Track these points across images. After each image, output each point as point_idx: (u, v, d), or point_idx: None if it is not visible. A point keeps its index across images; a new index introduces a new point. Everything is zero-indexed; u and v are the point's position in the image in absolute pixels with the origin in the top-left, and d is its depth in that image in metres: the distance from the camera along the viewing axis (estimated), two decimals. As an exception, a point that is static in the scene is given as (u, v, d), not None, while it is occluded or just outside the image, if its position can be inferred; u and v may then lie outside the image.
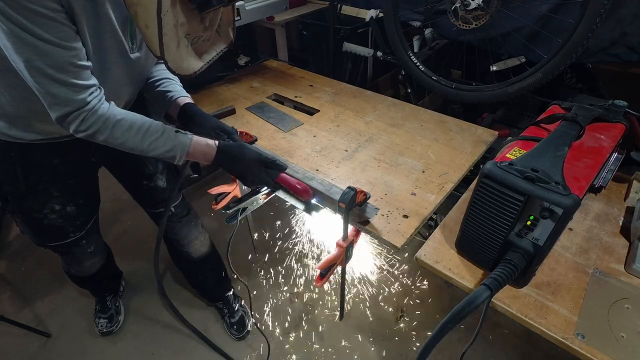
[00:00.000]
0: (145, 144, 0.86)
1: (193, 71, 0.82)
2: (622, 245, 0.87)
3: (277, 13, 1.65)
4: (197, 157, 0.93)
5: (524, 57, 1.44)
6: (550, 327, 0.72)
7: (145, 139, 0.86)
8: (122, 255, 1.90)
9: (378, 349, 1.51)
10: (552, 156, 0.73)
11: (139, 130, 0.85)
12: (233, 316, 1.59)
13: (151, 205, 1.31)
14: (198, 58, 0.84)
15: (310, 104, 1.46)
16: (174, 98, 1.05)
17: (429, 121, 1.33)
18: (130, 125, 0.84)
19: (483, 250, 0.79)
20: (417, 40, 1.85)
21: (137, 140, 0.85)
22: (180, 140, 0.89)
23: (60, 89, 0.74)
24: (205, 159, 0.94)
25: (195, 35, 0.79)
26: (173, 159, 0.90)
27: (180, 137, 0.90)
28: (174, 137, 0.89)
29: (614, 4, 1.10)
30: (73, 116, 0.78)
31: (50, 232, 1.14)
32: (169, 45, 0.73)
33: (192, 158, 0.93)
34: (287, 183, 0.97)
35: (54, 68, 0.72)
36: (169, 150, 0.89)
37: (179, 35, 0.74)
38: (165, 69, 1.08)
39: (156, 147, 0.87)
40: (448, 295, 1.68)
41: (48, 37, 0.68)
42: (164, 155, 0.89)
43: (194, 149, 0.91)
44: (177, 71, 0.78)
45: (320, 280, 0.93)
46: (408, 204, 0.99)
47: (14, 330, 1.56)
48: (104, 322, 1.60)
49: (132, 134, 0.85)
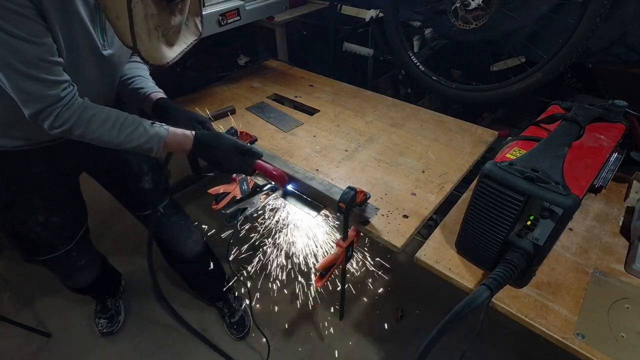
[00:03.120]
0: (121, 136, 0.85)
1: (166, 61, 0.83)
2: (622, 245, 0.87)
3: (277, 13, 1.66)
4: (175, 148, 0.93)
5: (524, 57, 1.44)
6: (550, 327, 0.72)
7: (122, 132, 0.85)
8: (122, 256, 1.90)
9: (378, 349, 1.51)
10: (552, 156, 0.73)
11: (115, 124, 0.85)
12: (233, 316, 1.59)
13: (138, 207, 1.29)
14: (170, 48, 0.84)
15: (310, 104, 1.46)
16: (147, 94, 1.06)
17: (429, 121, 1.33)
18: (105, 119, 0.84)
19: (483, 250, 0.79)
20: (417, 40, 1.85)
21: (113, 133, 0.85)
22: (156, 131, 0.89)
23: (33, 85, 0.74)
24: (183, 149, 0.93)
25: (165, 27, 0.80)
26: (150, 151, 0.89)
27: (157, 129, 0.89)
28: (150, 129, 0.88)
29: (614, 4, 1.10)
30: (47, 112, 0.78)
31: (37, 246, 1.12)
32: (141, 36, 0.74)
33: (169, 149, 0.93)
34: (263, 169, 0.97)
35: (25, 64, 0.71)
36: (145, 142, 0.88)
37: (149, 26, 0.75)
38: (136, 66, 1.09)
39: (132, 140, 0.87)
40: (448, 295, 1.68)
41: (18, 32, 0.68)
42: (141, 147, 0.88)
43: (170, 139, 0.91)
44: (150, 61, 0.79)
45: (320, 280, 0.93)
46: (408, 204, 0.99)
47: (14, 330, 1.56)
48: (104, 322, 1.60)
49: (108, 127, 0.84)
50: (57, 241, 1.15)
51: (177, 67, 1.51)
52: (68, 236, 1.17)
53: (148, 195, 1.25)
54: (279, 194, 1.04)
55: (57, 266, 1.23)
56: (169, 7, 0.78)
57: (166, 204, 1.30)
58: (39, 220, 1.06)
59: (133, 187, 1.22)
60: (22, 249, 1.13)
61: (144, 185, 1.23)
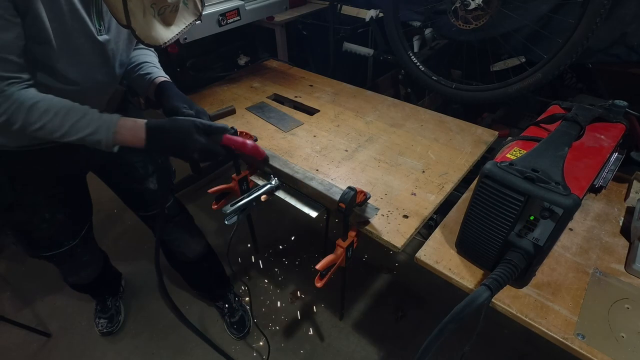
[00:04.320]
0: (65, 126, 0.79)
1: (163, 41, 0.78)
2: (622, 245, 0.87)
3: (277, 13, 1.66)
4: (126, 139, 0.84)
5: (524, 57, 1.44)
6: (550, 327, 0.72)
7: (66, 121, 0.79)
8: (122, 256, 1.90)
9: (378, 349, 1.51)
10: (552, 156, 0.73)
11: (58, 113, 0.78)
12: (233, 315, 1.59)
13: (143, 208, 1.28)
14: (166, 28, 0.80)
15: (310, 104, 1.46)
16: (152, 79, 1.03)
17: (429, 121, 1.33)
18: (47, 108, 0.78)
19: (483, 250, 0.79)
20: (417, 40, 1.85)
21: (56, 123, 0.78)
22: (104, 120, 0.82)
23: None
24: (136, 139, 0.84)
25: (161, 4, 0.76)
26: (98, 143, 0.82)
27: (105, 117, 0.83)
28: (97, 118, 0.82)
29: (614, 4, 1.10)
30: None
31: (42, 243, 1.12)
32: (135, 13, 0.70)
33: (122, 141, 0.84)
34: (233, 143, 0.91)
35: None
36: (92, 132, 0.81)
37: (144, 3, 0.72)
38: (143, 53, 1.07)
39: (78, 130, 0.80)
40: (448, 295, 1.68)
41: None
42: (88, 138, 0.81)
43: (120, 127, 0.83)
44: (145, 41, 0.75)
45: (320, 280, 0.93)
46: (408, 204, 0.99)
47: (14, 330, 1.56)
48: (104, 322, 1.60)
49: (50, 116, 0.78)
50: (62, 238, 1.15)
51: (177, 67, 1.51)
52: (73, 233, 1.18)
53: (153, 196, 1.24)
54: (280, 194, 1.04)
55: (62, 262, 1.24)
56: None
57: (170, 204, 1.29)
58: (44, 218, 1.06)
59: (138, 187, 1.22)
60: (28, 246, 1.13)
61: (149, 186, 1.22)
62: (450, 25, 1.46)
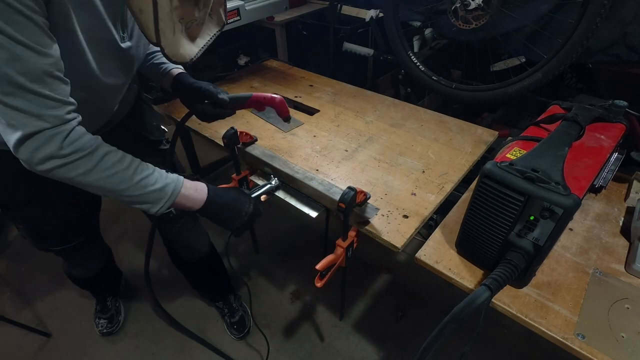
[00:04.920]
0: (135, 179, 0.75)
1: (190, 58, 0.77)
2: (622, 245, 0.87)
3: (277, 13, 1.66)
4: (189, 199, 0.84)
5: (524, 57, 1.44)
6: (550, 327, 0.72)
7: (137, 174, 0.75)
8: (122, 255, 1.90)
9: (378, 349, 1.51)
10: (552, 156, 0.73)
11: (131, 164, 0.75)
12: (233, 316, 1.59)
13: None
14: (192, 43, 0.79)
15: (310, 104, 1.46)
16: (167, 70, 1.03)
17: (429, 121, 1.33)
18: (120, 158, 0.73)
19: (483, 250, 0.79)
20: (417, 40, 1.85)
21: (128, 174, 0.74)
22: (173, 178, 0.81)
23: (32, 100, 0.61)
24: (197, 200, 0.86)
25: (189, 19, 0.75)
26: (158, 201, 0.78)
27: (173, 176, 0.81)
28: (165, 176, 0.80)
29: (614, 4, 1.10)
30: (44, 137, 0.64)
31: (53, 237, 1.13)
32: (165, 31, 0.69)
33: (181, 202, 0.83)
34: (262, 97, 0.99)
35: (26, 76, 0.59)
36: (160, 188, 0.78)
37: (173, 19, 0.70)
38: None
39: (147, 184, 0.76)
40: (448, 295, 1.68)
41: (22, 39, 0.57)
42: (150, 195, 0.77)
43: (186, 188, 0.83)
44: (173, 58, 0.74)
45: (320, 280, 0.93)
46: (408, 204, 0.99)
47: (14, 330, 1.56)
48: (104, 322, 1.60)
49: (123, 166, 0.73)
50: (72, 233, 1.16)
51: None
52: (83, 228, 1.19)
53: None
54: (280, 194, 1.04)
55: (70, 256, 1.25)
56: None
57: None
58: (58, 214, 1.07)
59: None
60: (38, 240, 1.13)
61: None
62: (450, 25, 1.46)
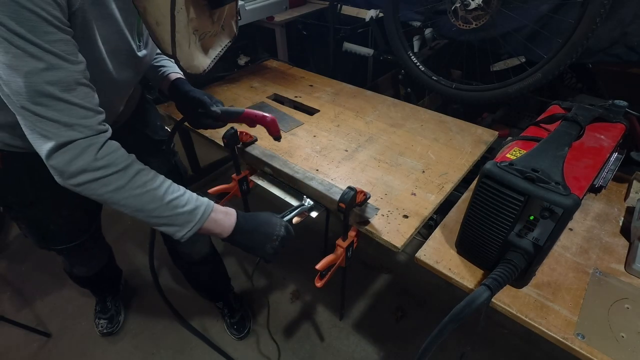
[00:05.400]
0: (166, 199, 0.72)
1: (203, 69, 0.78)
2: (622, 245, 0.87)
3: (277, 13, 1.66)
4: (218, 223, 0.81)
5: (524, 57, 1.44)
6: (550, 327, 0.72)
7: (168, 194, 0.72)
8: (122, 255, 1.90)
9: (378, 349, 1.51)
10: (552, 156, 0.73)
11: (163, 184, 0.73)
12: (233, 316, 1.59)
13: None
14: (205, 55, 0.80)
15: (310, 104, 1.46)
16: (166, 73, 1.04)
17: (429, 121, 1.33)
18: (153, 177, 0.72)
19: (483, 250, 0.79)
20: (417, 40, 1.85)
21: (159, 194, 0.71)
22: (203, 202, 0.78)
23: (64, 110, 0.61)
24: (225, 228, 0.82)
25: (203, 31, 0.76)
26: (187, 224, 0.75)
27: (204, 199, 0.79)
28: (197, 198, 0.78)
29: (614, 4, 1.10)
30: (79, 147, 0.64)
31: (56, 237, 1.13)
32: (181, 44, 0.69)
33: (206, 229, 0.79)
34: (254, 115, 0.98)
35: (57, 85, 0.59)
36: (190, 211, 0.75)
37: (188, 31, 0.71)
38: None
39: (177, 205, 0.74)
40: (448, 295, 1.68)
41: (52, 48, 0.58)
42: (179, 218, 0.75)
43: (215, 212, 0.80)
44: (188, 70, 0.74)
45: (320, 280, 0.93)
46: (408, 204, 0.99)
47: (14, 330, 1.56)
48: (104, 322, 1.60)
49: (156, 185, 0.71)
50: (75, 232, 1.16)
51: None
52: (86, 228, 1.19)
53: None
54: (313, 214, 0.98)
55: (72, 254, 1.26)
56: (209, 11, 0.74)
57: None
58: (62, 214, 1.07)
59: None
60: (41, 239, 1.13)
61: None
62: (450, 25, 1.46)
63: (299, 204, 0.99)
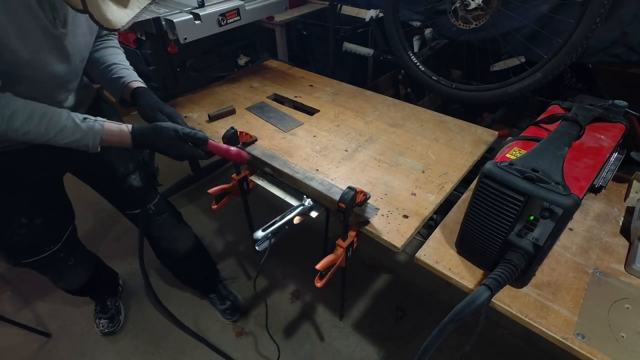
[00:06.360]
0: (50, 133, 0.81)
1: (120, 24, 0.75)
2: (622, 245, 0.87)
3: (277, 13, 1.65)
4: (114, 143, 0.90)
5: (524, 57, 1.44)
6: (550, 327, 0.72)
7: (50, 129, 0.80)
8: (122, 256, 1.91)
9: (378, 349, 1.51)
10: (552, 156, 0.73)
11: (42, 119, 0.79)
12: (224, 303, 1.63)
13: (128, 206, 1.27)
14: (122, 9, 0.77)
15: (310, 104, 1.46)
16: (126, 82, 1.04)
17: (429, 121, 1.33)
18: (30, 115, 0.78)
19: (483, 250, 0.79)
20: (417, 40, 1.85)
21: (41, 130, 0.80)
22: (90, 127, 0.85)
23: None
24: (123, 144, 0.90)
25: None
26: (86, 147, 0.86)
27: (90, 124, 0.85)
28: (82, 125, 0.84)
29: (614, 4, 1.10)
30: None
31: (22, 248, 1.10)
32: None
33: (108, 144, 0.89)
34: (217, 150, 0.97)
35: None
36: (80, 138, 0.84)
37: None
38: (112, 52, 1.06)
39: (65, 137, 0.82)
40: (448, 295, 1.68)
41: None
42: (75, 144, 0.85)
43: (107, 134, 0.87)
44: (104, 24, 0.72)
45: (320, 280, 0.93)
46: (408, 204, 0.99)
47: (14, 330, 1.56)
48: (105, 322, 1.60)
49: (34, 123, 0.79)
50: (43, 242, 1.12)
51: (177, 67, 1.51)
52: (54, 237, 1.15)
53: (137, 193, 1.23)
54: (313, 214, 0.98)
55: (46, 268, 1.20)
56: None
57: (157, 202, 1.28)
58: (22, 222, 1.04)
59: (121, 186, 1.20)
60: (6, 253, 1.10)
61: (132, 184, 1.21)
62: (450, 25, 1.46)
63: (299, 204, 0.99)
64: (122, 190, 1.21)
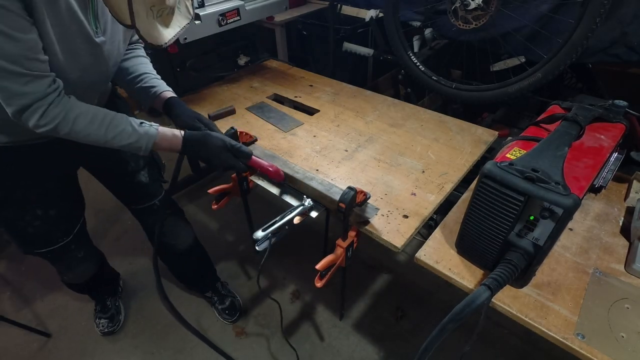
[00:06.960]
0: (109, 135, 0.86)
1: (164, 41, 0.82)
2: (622, 245, 0.87)
3: (277, 13, 1.65)
4: (165, 147, 0.95)
5: (524, 57, 1.44)
6: (550, 327, 0.72)
7: (109, 132, 0.86)
8: (122, 256, 1.91)
9: (378, 349, 1.51)
10: (552, 156, 0.73)
11: (102, 123, 0.85)
12: (223, 302, 1.63)
13: (135, 201, 1.31)
14: (166, 29, 0.84)
15: (310, 104, 1.46)
16: (158, 93, 1.07)
17: (429, 121, 1.33)
18: (92, 119, 0.84)
19: (483, 250, 0.79)
20: (417, 40, 1.85)
21: (101, 133, 0.85)
22: (145, 131, 0.91)
23: (15, 80, 0.72)
24: (172, 149, 0.95)
25: (160, 7, 0.79)
26: (139, 149, 0.91)
27: (146, 128, 0.91)
28: (139, 129, 0.90)
29: (614, 4, 1.10)
30: (31, 110, 0.76)
31: (36, 239, 1.12)
32: (139, 13, 0.72)
33: (159, 149, 0.95)
34: (259, 165, 1.00)
35: (6, 60, 0.69)
36: (135, 141, 0.89)
37: (146, 5, 0.74)
38: (140, 62, 1.09)
39: (122, 139, 0.88)
40: (448, 295, 1.68)
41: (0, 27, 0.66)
42: (130, 146, 0.90)
43: (160, 139, 0.93)
44: (148, 40, 0.78)
45: (320, 280, 0.93)
46: (408, 204, 0.99)
47: (14, 330, 1.56)
48: (105, 322, 1.60)
49: (95, 126, 0.84)
50: (55, 234, 1.15)
51: (177, 67, 1.51)
52: (66, 229, 1.18)
53: (145, 189, 1.27)
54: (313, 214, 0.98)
55: (57, 258, 1.24)
56: None
57: (161, 198, 1.33)
58: (37, 214, 1.07)
59: (130, 181, 1.24)
60: (21, 242, 1.13)
61: (141, 179, 1.25)
62: (450, 25, 1.46)
63: (299, 204, 0.99)
64: (131, 186, 1.26)
